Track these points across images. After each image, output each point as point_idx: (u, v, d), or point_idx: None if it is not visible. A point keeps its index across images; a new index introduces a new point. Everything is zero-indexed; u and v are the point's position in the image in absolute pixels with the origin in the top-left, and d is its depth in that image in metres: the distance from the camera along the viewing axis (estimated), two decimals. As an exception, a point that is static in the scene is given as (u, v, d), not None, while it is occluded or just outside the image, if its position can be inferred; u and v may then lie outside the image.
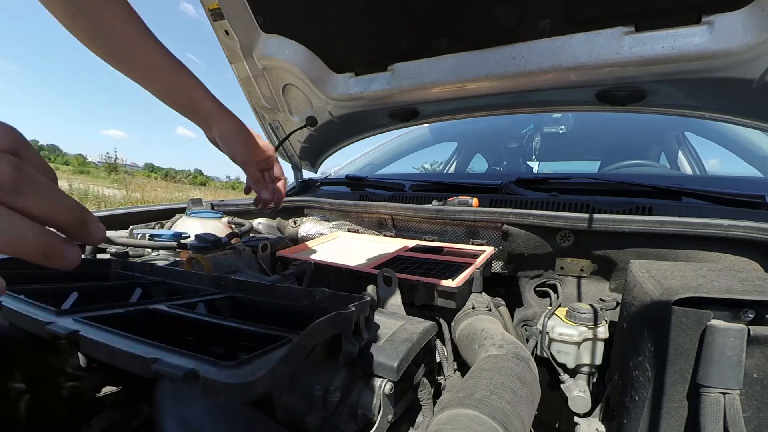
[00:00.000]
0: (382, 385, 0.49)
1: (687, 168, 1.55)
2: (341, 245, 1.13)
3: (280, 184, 0.78)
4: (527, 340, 0.92)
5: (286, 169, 1.78)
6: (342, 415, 0.48)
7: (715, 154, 1.61)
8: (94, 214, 1.22)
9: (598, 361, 0.80)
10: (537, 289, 1.03)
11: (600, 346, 0.80)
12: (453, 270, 0.83)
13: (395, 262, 0.94)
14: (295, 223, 1.39)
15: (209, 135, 0.70)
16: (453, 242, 1.11)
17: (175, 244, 0.95)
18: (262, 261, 0.97)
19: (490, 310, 0.82)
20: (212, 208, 1.32)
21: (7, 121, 0.29)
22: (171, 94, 0.65)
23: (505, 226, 0.98)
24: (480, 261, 0.89)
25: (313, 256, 0.99)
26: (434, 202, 1.16)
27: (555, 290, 0.99)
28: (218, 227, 1.16)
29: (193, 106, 0.66)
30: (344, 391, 0.49)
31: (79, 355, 0.63)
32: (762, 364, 0.48)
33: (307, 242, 1.14)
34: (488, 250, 0.97)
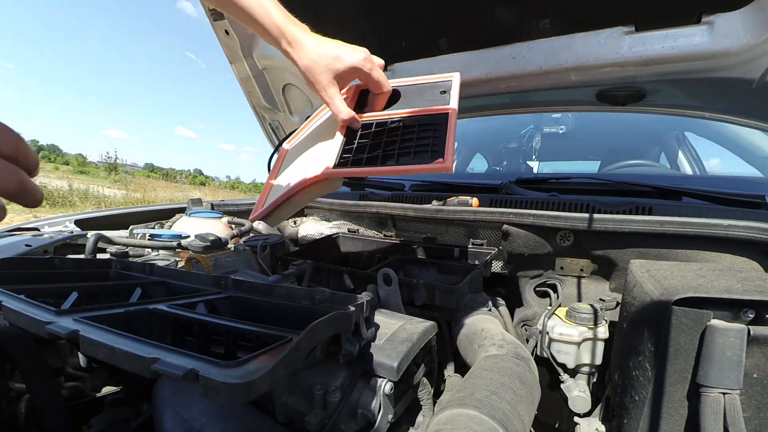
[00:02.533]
0: (382, 385, 0.49)
1: (687, 168, 1.55)
2: (302, 157, 0.87)
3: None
4: (527, 340, 0.92)
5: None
6: (342, 415, 0.48)
7: (715, 154, 1.61)
8: (95, 214, 1.22)
9: (598, 361, 0.80)
10: (537, 289, 1.03)
11: (600, 346, 0.80)
12: (429, 141, 0.66)
13: (354, 136, 0.74)
14: (295, 223, 1.39)
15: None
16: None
17: (175, 244, 0.95)
18: (262, 261, 0.98)
19: (490, 310, 0.82)
20: (212, 208, 1.32)
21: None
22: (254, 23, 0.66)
23: (505, 226, 0.98)
24: (452, 122, 0.69)
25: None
26: (434, 202, 1.15)
27: (555, 290, 0.99)
28: (218, 227, 1.17)
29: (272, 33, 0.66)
30: (344, 391, 0.49)
31: (79, 355, 0.63)
32: (762, 364, 0.48)
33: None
34: (451, 108, 0.73)
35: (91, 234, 0.92)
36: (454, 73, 0.84)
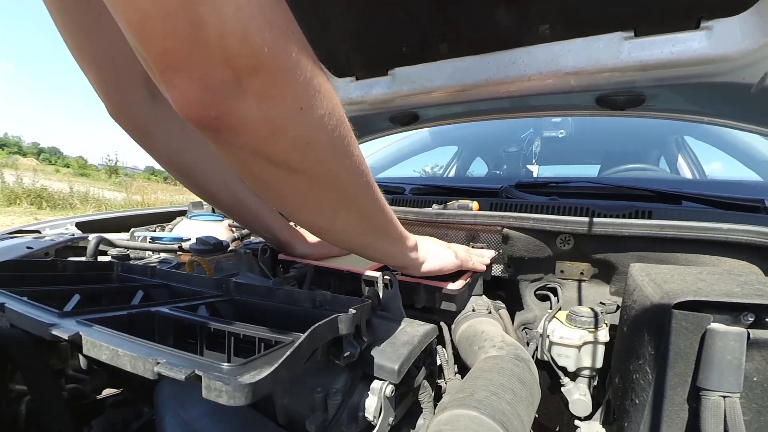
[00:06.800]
0: (383, 388, 0.49)
1: (686, 172, 1.55)
2: None
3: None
4: (528, 344, 0.92)
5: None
6: (343, 417, 0.48)
7: (715, 158, 1.61)
8: (96, 217, 1.23)
9: (599, 364, 0.80)
10: (537, 292, 1.03)
11: (600, 350, 0.80)
12: (454, 273, 0.83)
13: None
14: (295, 225, 1.39)
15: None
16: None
17: (176, 246, 0.95)
18: (263, 264, 0.98)
19: (490, 312, 0.82)
20: (213, 211, 1.33)
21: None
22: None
23: (505, 229, 0.99)
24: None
25: None
26: (434, 206, 1.16)
27: (555, 294, 0.99)
28: (219, 230, 1.17)
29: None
30: (345, 393, 0.49)
31: (80, 356, 0.63)
32: (762, 368, 0.49)
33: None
34: (489, 253, 0.97)
35: (92, 237, 0.92)
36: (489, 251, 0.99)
